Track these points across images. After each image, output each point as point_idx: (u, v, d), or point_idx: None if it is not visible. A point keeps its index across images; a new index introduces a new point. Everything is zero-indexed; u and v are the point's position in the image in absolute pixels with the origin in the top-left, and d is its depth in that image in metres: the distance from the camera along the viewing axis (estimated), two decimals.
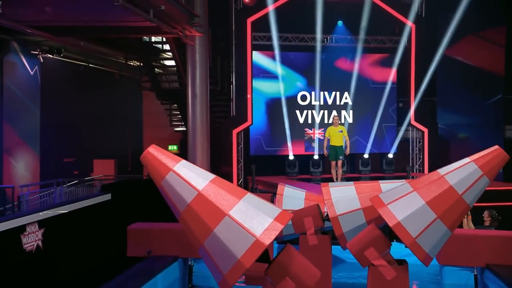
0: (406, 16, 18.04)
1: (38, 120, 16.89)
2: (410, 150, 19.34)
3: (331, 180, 13.98)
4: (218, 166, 17.72)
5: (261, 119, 18.22)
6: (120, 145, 21.86)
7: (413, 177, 10.49)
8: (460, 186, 5.85)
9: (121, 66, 19.37)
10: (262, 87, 18.21)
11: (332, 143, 13.77)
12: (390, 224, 5.88)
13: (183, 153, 16.38)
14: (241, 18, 17.29)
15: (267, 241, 4.82)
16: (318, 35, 17.29)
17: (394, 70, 18.80)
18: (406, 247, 5.97)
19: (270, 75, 18.26)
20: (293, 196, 8.45)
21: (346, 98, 18.75)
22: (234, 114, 17.49)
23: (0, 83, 15.43)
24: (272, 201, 8.55)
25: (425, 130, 18.79)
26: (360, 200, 7.19)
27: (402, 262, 6.17)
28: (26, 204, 12.63)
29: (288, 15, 17.56)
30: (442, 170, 6.14)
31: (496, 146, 5.99)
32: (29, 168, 16.51)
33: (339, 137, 13.71)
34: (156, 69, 18.29)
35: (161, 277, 8.28)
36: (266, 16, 17.15)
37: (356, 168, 18.54)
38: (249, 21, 17.18)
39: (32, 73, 16.61)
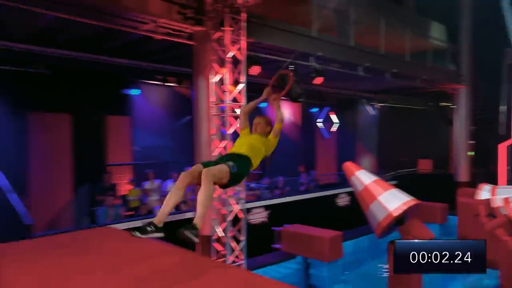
0: None
1: (375, 138, 18.55)
2: None
3: None
4: (488, 165, 16.04)
5: None
6: (435, 150, 21.20)
7: None
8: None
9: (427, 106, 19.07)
10: None
11: None
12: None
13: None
14: None
15: (395, 214, 5.64)
16: None
17: None
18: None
19: None
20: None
21: None
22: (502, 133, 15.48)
23: (355, 121, 17.87)
24: None
25: None
26: None
27: None
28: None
29: None
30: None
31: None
32: (370, 165, 18.33)
33: None
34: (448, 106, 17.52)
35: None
36: None
37: None
38: None
39: (373, 114, 18.45)
